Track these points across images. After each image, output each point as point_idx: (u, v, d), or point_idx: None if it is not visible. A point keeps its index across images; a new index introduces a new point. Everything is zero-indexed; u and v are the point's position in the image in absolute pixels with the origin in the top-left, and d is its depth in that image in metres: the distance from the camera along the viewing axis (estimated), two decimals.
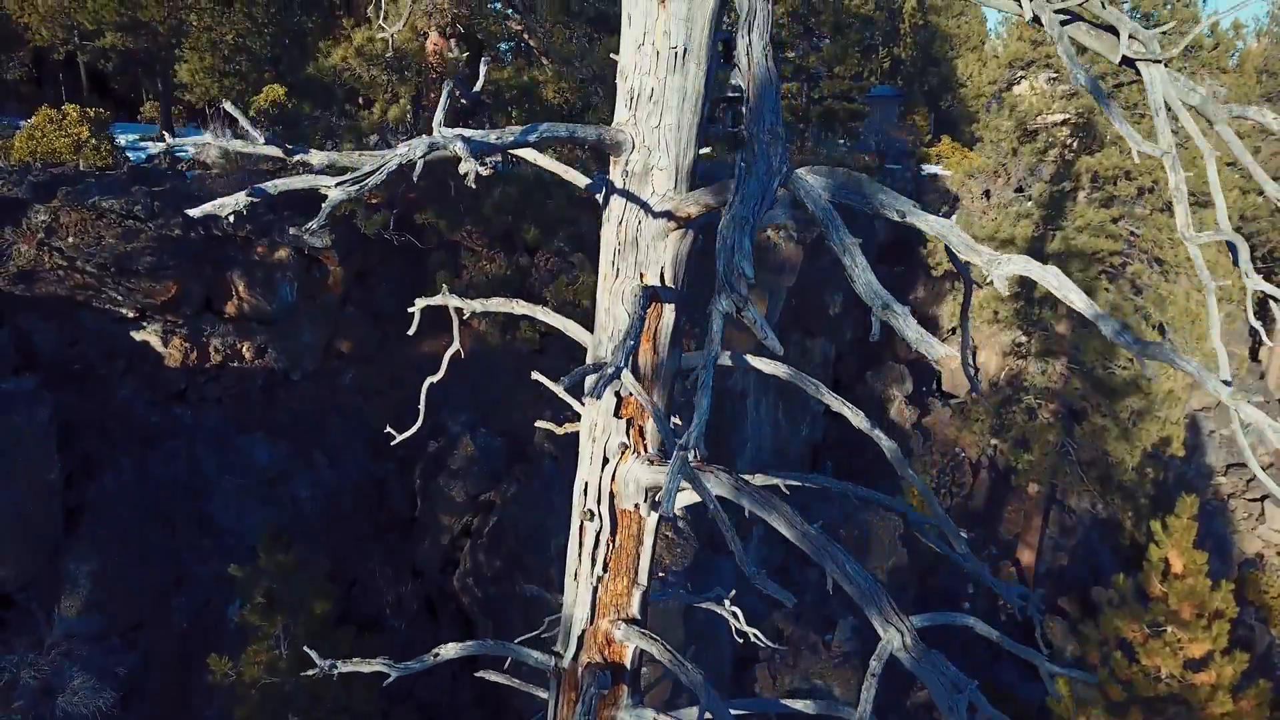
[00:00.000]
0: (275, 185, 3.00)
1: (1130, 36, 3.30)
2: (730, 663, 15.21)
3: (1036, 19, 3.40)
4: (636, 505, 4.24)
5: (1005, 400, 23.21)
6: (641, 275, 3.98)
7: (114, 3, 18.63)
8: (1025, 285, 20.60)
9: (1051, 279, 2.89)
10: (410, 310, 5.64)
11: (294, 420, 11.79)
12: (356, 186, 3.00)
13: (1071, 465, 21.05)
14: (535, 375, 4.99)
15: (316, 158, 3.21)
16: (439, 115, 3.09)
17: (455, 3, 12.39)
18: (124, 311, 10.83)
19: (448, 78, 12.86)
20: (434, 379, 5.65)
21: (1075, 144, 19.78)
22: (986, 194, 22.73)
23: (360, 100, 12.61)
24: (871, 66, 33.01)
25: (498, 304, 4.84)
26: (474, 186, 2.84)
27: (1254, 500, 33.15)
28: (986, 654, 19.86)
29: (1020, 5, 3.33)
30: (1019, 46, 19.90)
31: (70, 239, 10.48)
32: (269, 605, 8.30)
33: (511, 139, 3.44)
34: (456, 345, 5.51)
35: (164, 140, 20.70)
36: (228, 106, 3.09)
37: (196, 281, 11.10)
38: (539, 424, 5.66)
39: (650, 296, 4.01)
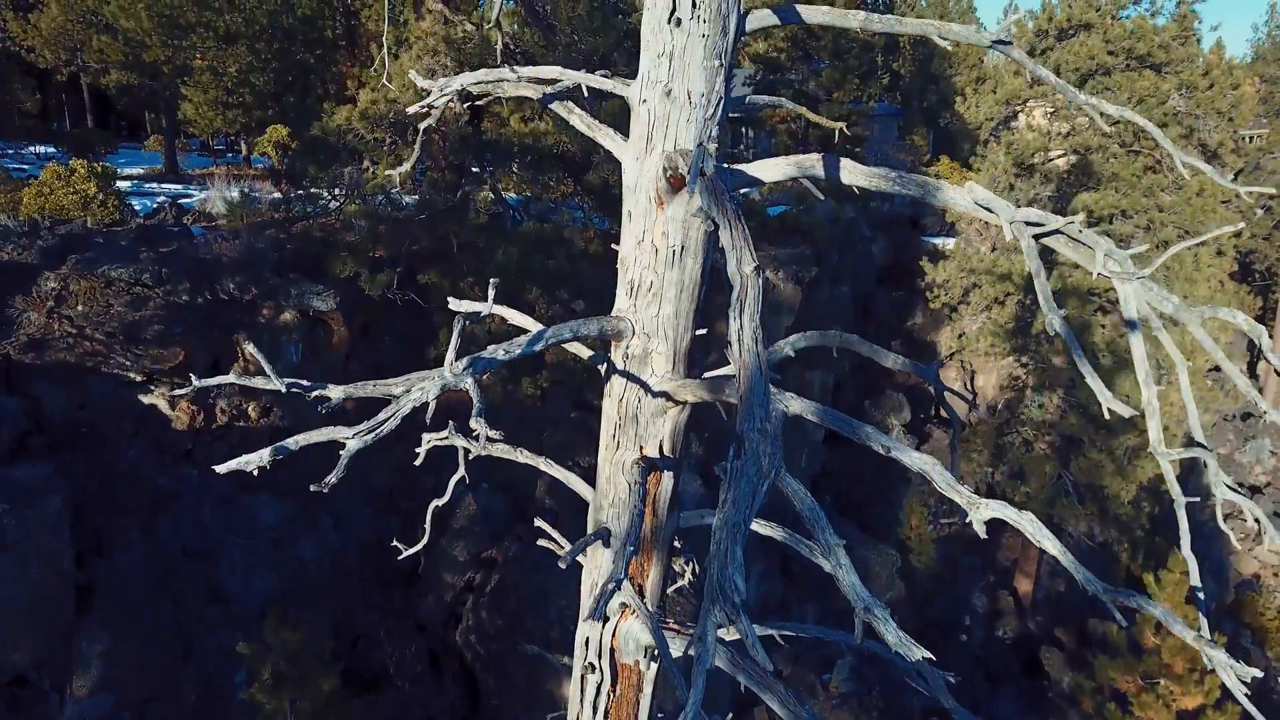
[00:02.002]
0: (296, 441, 3.17)
1: (1106, 255, 3.47)
2: (730, 704, 15.37)
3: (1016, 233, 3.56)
4: (637, 660, 4.41)
5: (1003, 425, 23.41)
6: (641, 448, 4.16)
7: (119, 43, 18.82)
8: (1023, 318, 20.76)
9: (1026, 524, 3.06)
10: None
11: (298, 478, 11.94)
12: (372, 435, 3.18)
13: (1068, 496, 21.23)
14: (538, 522, 5.15)
15: (335, 393, 3.39)
16: (450, 354, 3.26)
17: (457, 64, 12.55)
18: (132, 376, 10.99)
19: (450, 136, 13.04)
20: (439, 502, 5.81)
21: (1072, 179, 19.95)
22: (985, 223, 22.81)
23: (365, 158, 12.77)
24: (870, 91, 33.15)
25: (502, 450, 5.00)
26: (483, 451, 3.00)
27: (1251, 521, 33.27)
28: (984, 686, 20.03)
29: (1001, 222, 3.50)
30: (1016, 84, 20.06)
31: (80, 307, 10.66)
32: (276, 683, 8.47)
33: (519, 351, 3.63)
34: (463, 473, 5.67)
35: (169, 174, 20.87)
36: (251, 349, 3.25)
37: (203, 345, 11.27)
38: (541, 541, 5.83)
39: (650, 467, 4.21)
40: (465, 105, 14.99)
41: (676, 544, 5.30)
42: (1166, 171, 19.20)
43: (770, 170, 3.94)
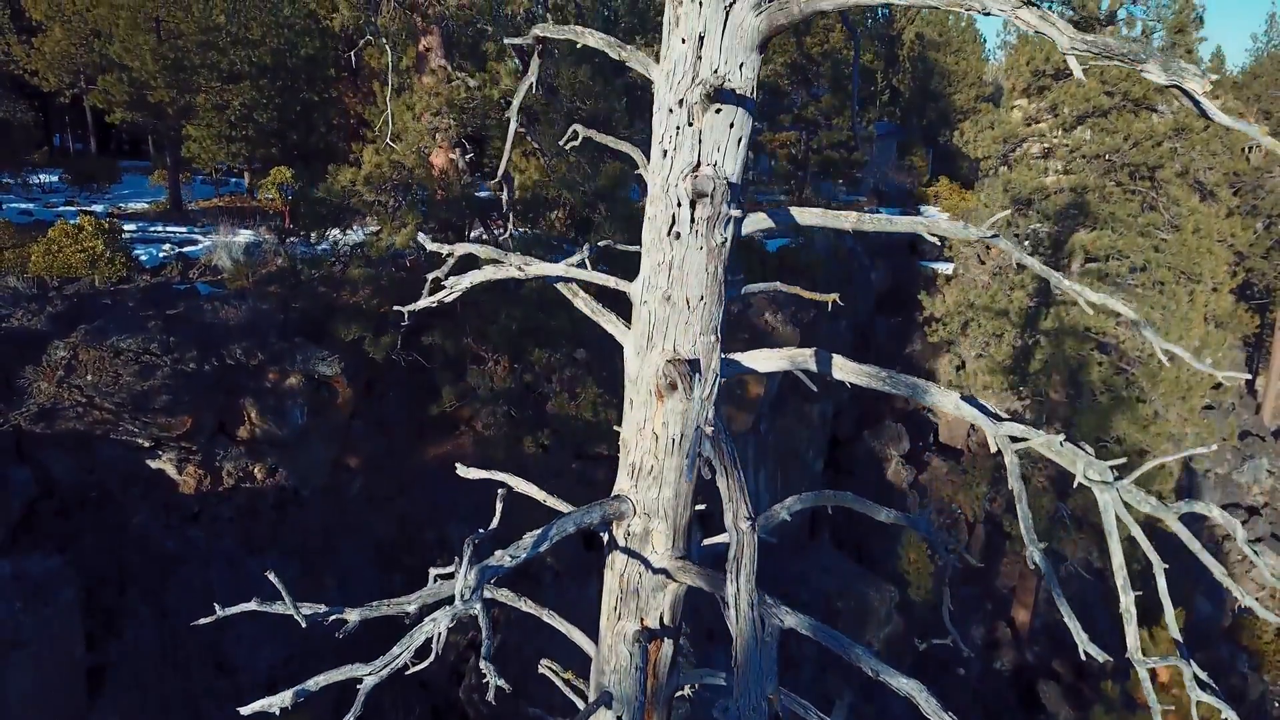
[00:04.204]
0: (317, 681, 3.33)
1: (1086, 465, 3.63)
2: None
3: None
4: None
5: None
6: (642, 620, 4.33)
7: (124, 84, 18.97)
8: (1021, 358, 20.93)
9: None
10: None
11: (304, 537, 12.14)
12: (387, 669, 3.35)
13: (1066, 529, 21.39)
14: (543, 663, 5.29)
15: (351, 616, 3.55)
16: (459, 580, 3.43)
17: (460, 123, 12.71)
18: (140, 441, 11.16)
19: (452, 195, 13.19)
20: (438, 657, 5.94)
21: (1070, 216, 20.09)
22: (986, 248, 22.96)
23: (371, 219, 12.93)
24: (869, 116, 33.31)
25: (506, 596, 5.16)
26: (492, 685, 3.15)
27: (1248, 542, 33.34)
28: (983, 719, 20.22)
29: (986, 433, 3.67)
30: (1014, 120, 20.21)
31: (89, 376, 10.82)
32: None
33: (524, 554, 3.80)
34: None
35: (174, 209, 21.02)
36: (272, 578, 3.41)
37: (209, 409, 11.44)
38: (543, 667, 5.98)
39: (651, 636, 4.38)
40: (467, 157, 15.15)
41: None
42: (1163, 210, 19.36)
43: (764, 362, 4.11)
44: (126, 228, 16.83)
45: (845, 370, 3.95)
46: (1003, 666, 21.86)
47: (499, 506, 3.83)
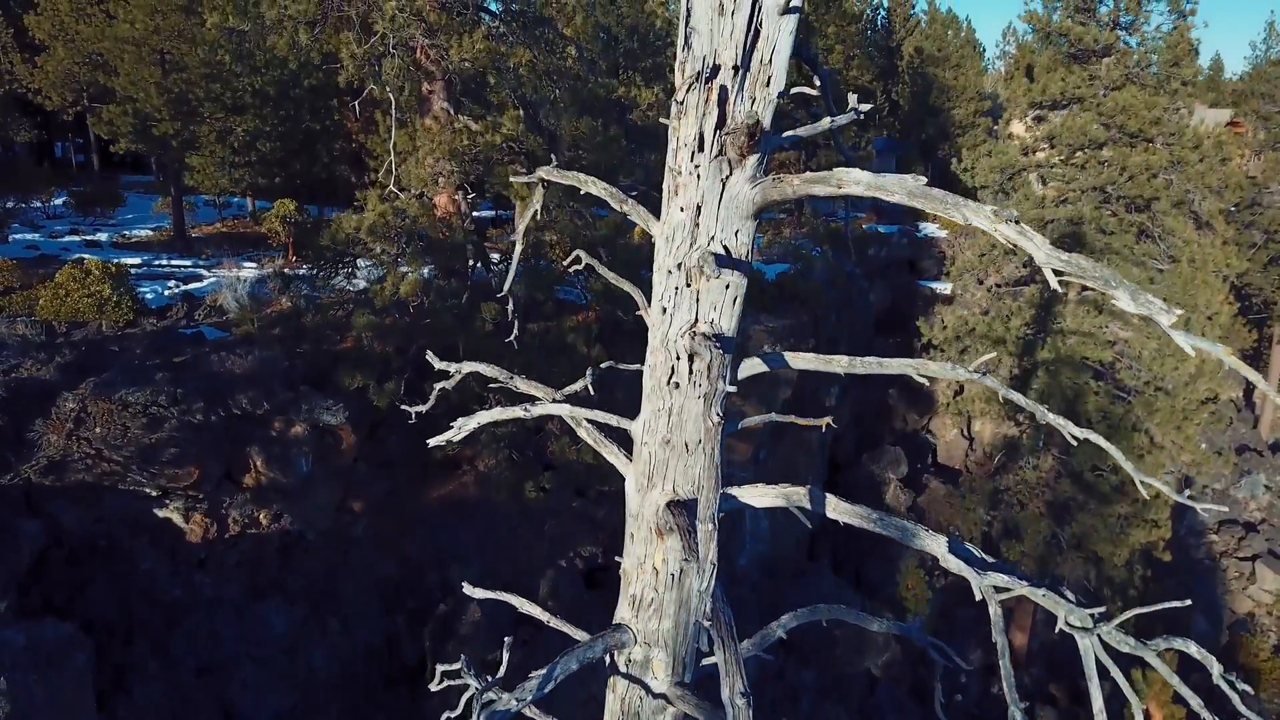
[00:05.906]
0: None
1: (1067, 612, 3.80)
2: None
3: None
4: None
5: (999, 470, 23.75)
6: None
7: (128, 116, 19.14)
8: (1018, 385, 21.09)
9: None
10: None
11: (308, 581, 12.30)
12: None
13: (1062, 552, 21.55)
14: None
15: None
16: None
17: (462, 171, 12.88)
18: (147, 491, 11.33)
19: (456, 240, 13.35)
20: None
21: (1067, 246, 20.26)
22: (986, 270, 23.12)
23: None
24: (867, 136, 33.50)
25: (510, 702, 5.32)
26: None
27: (1245, 559, 33.50)
28: None
29: (972, 584, 3.83)
30: (1012, 151, 20.38)
31: (98, 429, 10.99)
32: None
33: (530, 695, 3.97)
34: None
35: (178, 239, 21.19)
36: None
37: (216, 459, 11.61)
38: None
39: None
40: (470, 197, 15.32)
41: None
42: (1158, 241, 19.53)
43: (759, 498, 4.28)
44: (131, 261, 17.02)
45: (838, 510, 4.12)
46: (1000, 691, 22.00)
47: (505, 656, 3.99)
